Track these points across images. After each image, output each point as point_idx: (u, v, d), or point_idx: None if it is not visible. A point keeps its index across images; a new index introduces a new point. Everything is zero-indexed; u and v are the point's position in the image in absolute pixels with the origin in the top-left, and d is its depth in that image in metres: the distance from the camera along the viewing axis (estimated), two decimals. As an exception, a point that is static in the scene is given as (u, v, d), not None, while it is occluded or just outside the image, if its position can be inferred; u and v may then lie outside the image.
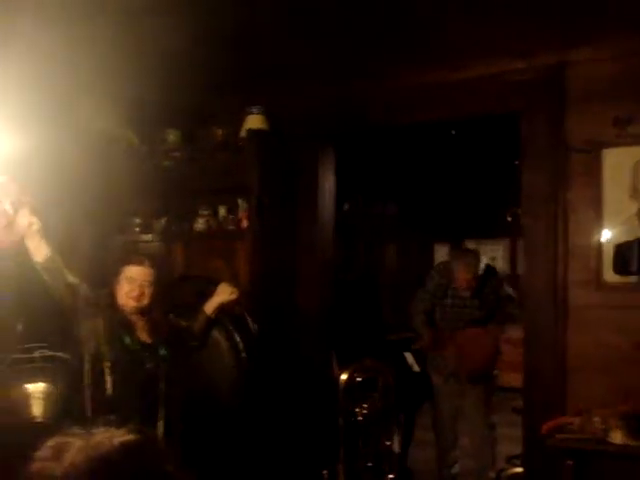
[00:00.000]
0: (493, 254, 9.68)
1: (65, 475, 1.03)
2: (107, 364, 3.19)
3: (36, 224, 3.07)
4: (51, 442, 1.10)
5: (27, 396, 3.89)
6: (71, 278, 3.21)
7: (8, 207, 3.02)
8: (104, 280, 3.56)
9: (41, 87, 3.99)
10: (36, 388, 3.91)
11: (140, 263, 3.36)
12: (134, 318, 3.35)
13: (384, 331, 7.21)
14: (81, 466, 1.03)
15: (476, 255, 5.04)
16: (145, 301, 3.32)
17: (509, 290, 5.17)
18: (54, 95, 4.19)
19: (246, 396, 3.84)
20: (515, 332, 5.80)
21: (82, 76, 4.11)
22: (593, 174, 3.56)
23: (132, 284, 3.29)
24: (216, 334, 3.84)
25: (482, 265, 5.04)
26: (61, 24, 3.45)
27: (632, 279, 3.43)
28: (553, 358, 3.61)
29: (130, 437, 1.09)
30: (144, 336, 3.36)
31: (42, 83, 3.96)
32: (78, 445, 1.07)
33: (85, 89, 4.30)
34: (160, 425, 3.22)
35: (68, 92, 4.29)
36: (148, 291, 3.32)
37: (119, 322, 3.30)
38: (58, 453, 1.07)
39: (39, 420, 3.86)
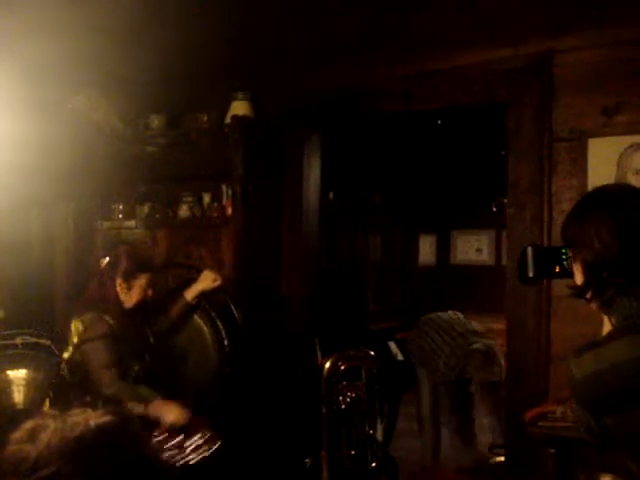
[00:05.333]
0: (478, 245, 9.71)
1: (40, 456, 1.01)
2: None
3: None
4: (27, 424, 1.09)
5: (8, 383, 3.86)
6: None
7: None
8: (88, 266, 3.58)
9: (30, 72, 3.96)
10: (17, 375, 3.88)
11: (150, 269, 3.53)
12: None
13: (367, 320, 7.23)
14: (56, 447, 1.02)
15: None
16: None
17: None
18: (42, 80, 4.16)
19: (228, 384, 3.82)
20: (497, 323, 5.84)
21: (69, 62, 4.08)
22: (578, 164, 3.55)
23: (147, 290, 3.47)
24: (199, 322, 3.83)
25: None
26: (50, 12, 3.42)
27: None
28: (536, 347, 3.61)
29: (106, 418, 1.07)
30: None
31: (30, 68, 3.93)
32: (53, 427, 1.06)
33: (71, 74, 4.27)
34: None
35: (55, 77, 4.25)
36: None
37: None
38: (33, 435, 1.06)
39: (20, 407, 3.83)
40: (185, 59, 4.19)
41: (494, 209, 8.80)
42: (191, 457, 3.15)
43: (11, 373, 3.87)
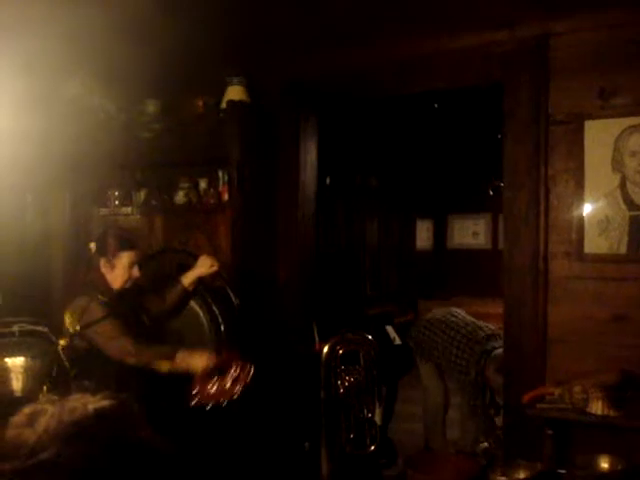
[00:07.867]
0: (475, 229, 9.71)
1: (38, 441, 1.01)
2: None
3: None
4: (26, 409, 1.09)
5: (6, 371, 3.86)
6: None
7: None
8: (83, 254, 3.58)
9: (24, 59, 3.93)
10: (15, 362, 3.88)
11: (133, 247, 3.48)
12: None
13: (365, 304, 7.23)
14: (54, 432, 1.02)
15: None
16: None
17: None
18: (36, 67, 4.14)
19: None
20: (494, 307, 5.82)
21: (63, 48, 4.05)
22: (575, 146, 3.55)
23: (131, 268, 3.42)
24: (196, 307, 3.83)
25: None
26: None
27: (612, 251, 3.44)
28: (533, 329, 3.62)
29: (104, 403, 1.07)
30: None
31: (26, 55, 3.91)
32: (52, 411, 1.06)
33: (65, 60, 4.24)
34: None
35: (49, 63, 4.23)
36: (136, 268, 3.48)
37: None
38: (32, 419, 1.06)
39: (18, 395, 3.83)
40: (180, 44, 4.16)
41: (490, 193, 8.80)
42: (236, 390, 3.26)
43: (9, 361, 3.86)
